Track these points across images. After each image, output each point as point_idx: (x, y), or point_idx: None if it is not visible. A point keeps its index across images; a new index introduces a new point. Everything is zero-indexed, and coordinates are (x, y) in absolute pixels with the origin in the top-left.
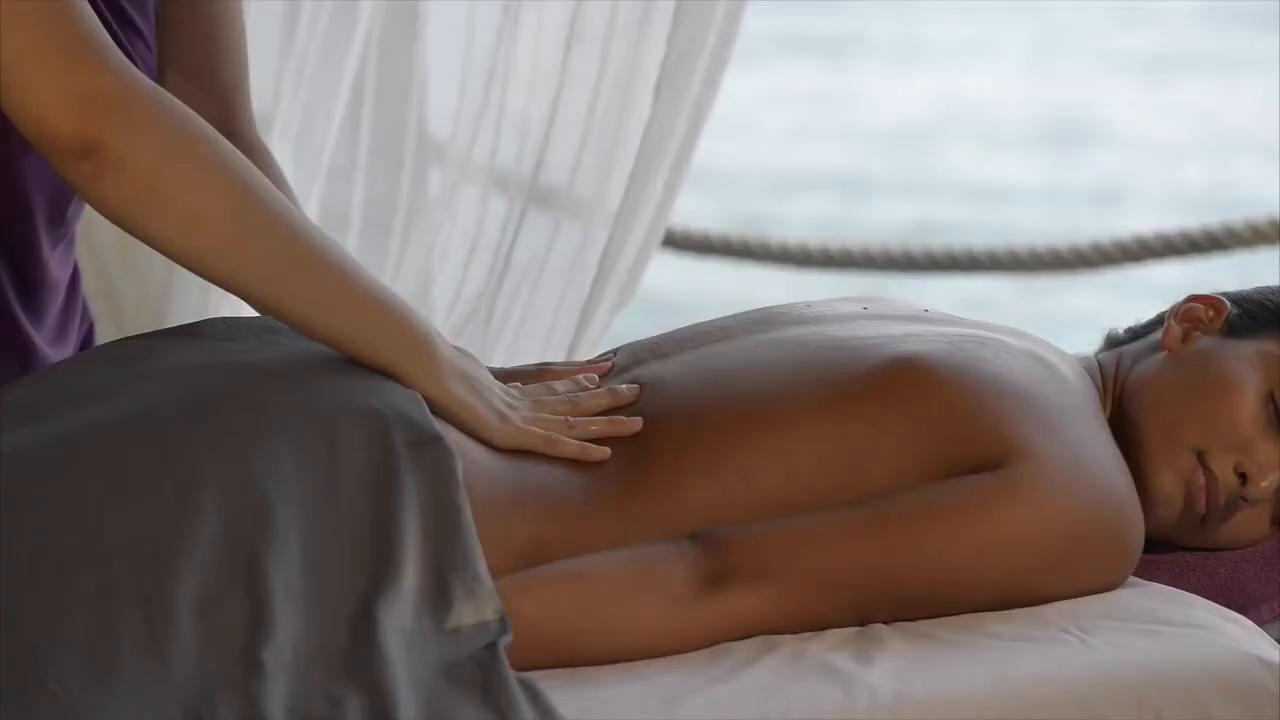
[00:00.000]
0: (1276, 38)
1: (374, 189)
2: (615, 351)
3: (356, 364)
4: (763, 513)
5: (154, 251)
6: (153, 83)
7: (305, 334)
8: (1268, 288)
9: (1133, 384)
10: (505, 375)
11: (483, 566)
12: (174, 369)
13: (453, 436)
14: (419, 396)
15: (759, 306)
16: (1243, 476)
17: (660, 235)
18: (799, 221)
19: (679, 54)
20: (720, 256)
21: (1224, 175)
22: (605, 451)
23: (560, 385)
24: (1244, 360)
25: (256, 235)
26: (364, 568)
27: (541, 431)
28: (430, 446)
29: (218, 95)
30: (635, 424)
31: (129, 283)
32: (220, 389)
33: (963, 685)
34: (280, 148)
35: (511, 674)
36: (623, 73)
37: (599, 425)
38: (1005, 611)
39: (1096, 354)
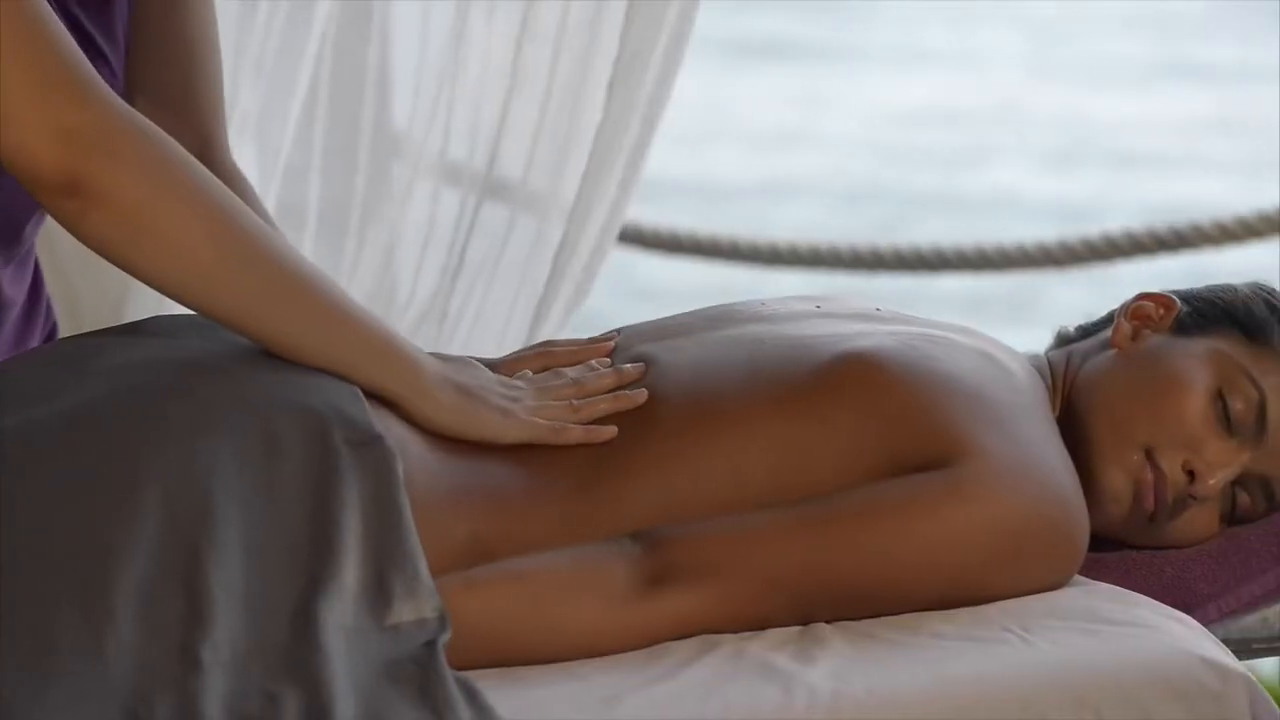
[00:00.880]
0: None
1: (329, 189)
2: (619, 331)
3: (299, 364)
4: (711, 511)
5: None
6: (135, 113)
7: (291, 358)
8: (1218, 286)
9: (1082, 382)
10: (509, 362)
11: (422, 565)
12: (119, 367)
13: (394, 435)
14: (360, 394)
15: (718, 304)
16: (1191, 474)
17: (615, 234)
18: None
19: (631, 53)
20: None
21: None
22: (612, 430)
23: (571, 371)
24: (1193, 358)
25: (239, 266)
26: (304, 565)
27: (545, 422)
28: (371, 446)
29: (193, 123)
30: (640, 396)
31: (87, 286)
32: (163, 387)
33: (903, 685)
34: (236, 147)
35: (449, 673)
36: (575, 72)
37: (605, 403)
38: (948, 611)
39: (1047, 352)
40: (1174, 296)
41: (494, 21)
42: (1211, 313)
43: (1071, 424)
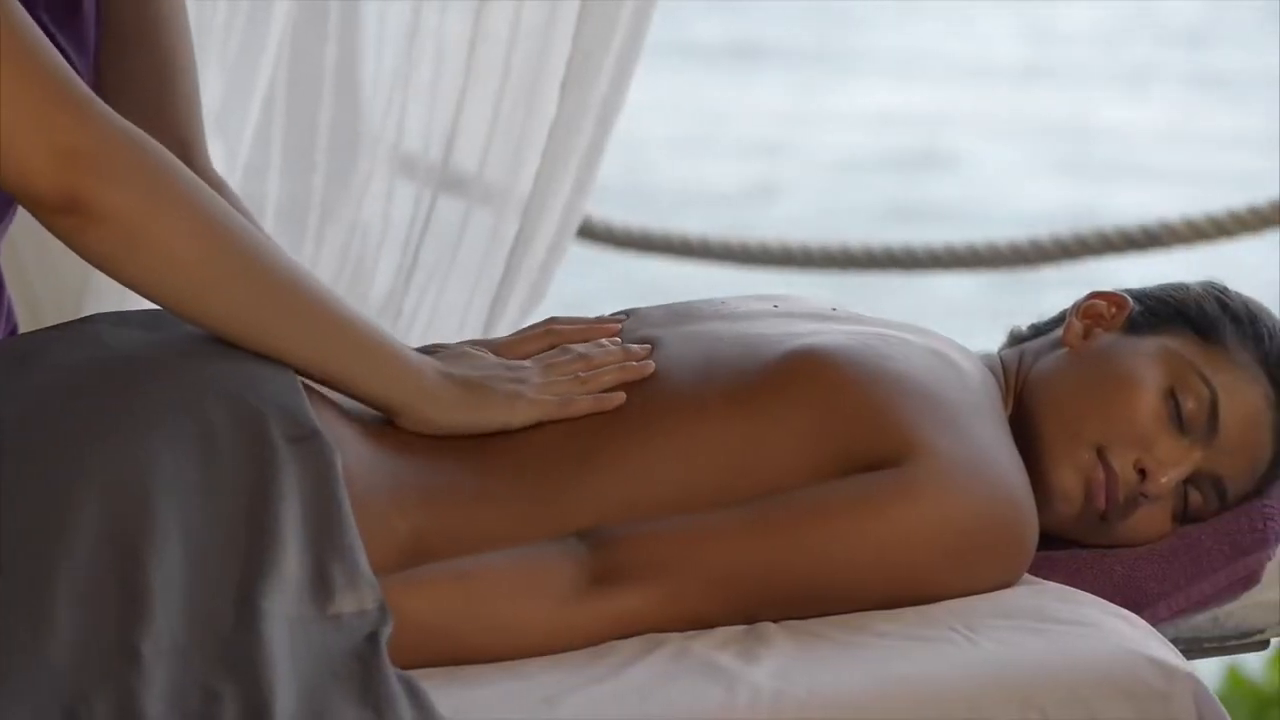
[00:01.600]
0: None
1: (288, 188)
2: (626, 314)
3: (241, 356)
4: (662, 510)
5: (71, 252)
6: (130, 127)
7: (295, 372)
8: (1170, 284)
9: (1034, 380)
10: (513, 343)
11: (362, 557)
12: (62, 367)
13: (334, 430)
14: (300, 389)
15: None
16: (1142, 473)
17: (570, 234)
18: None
19: (584, 54)
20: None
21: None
22: (621, 397)
23: (578, 347)
24: (1144, 356)
25: (236, 279)
26: (244, 557)
27: (552, 398)
28: (309, 440)
29: (172, 130)
30: (648, 367)
31: (46, 285)
32: (104, 386)
33: (846, 684)
34: None
35: (391, 671)
36: (528, 72)
37: (612, 374)
38: (895, 610)
39: (1000, 351)
40: (1126, 295)
41: (447, 21)
42: (1163, 311)
43: (1023, 422)
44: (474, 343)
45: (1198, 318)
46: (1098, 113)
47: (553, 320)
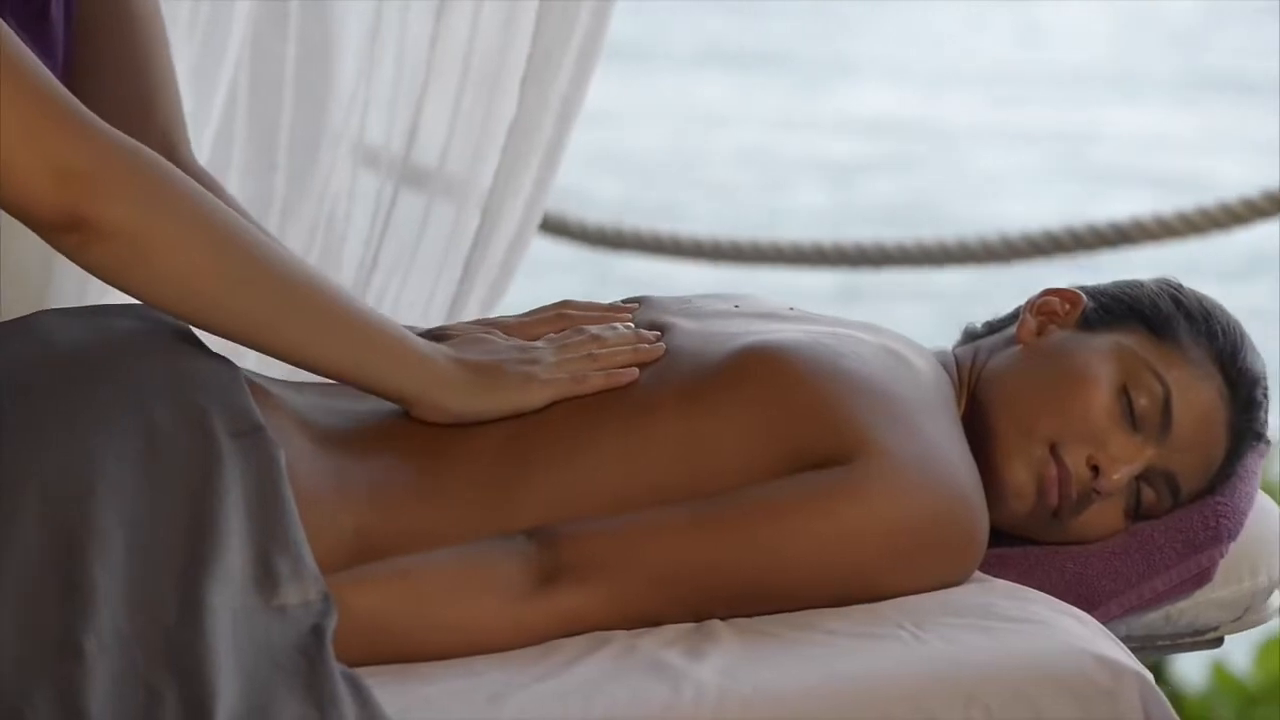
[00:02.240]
0: None
1: (250, 188)
2: (639, 301)
3: (187, 353)
4: (612, 506)
5: (30, 245)
6: (126, 139)
7: (302, 368)
8: (1125, 281)
9: (987, 377)
10: (525, 324)
11: (306, 550)
12: (13, 363)
13: (277, 426)
14: (244, 386)
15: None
16: (1095, 469)
17: (532, 232)
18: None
19: (544, 52)
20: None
21: None
22: (634, 373)
23: (592, 328)
24: (1097, 352)
25: (243, 284)
26: (188, 551)
27: (565, 376)
28: (252, 435)
29: (156, 132)
30: (660, 349)
31: (6, 280)
32: (53, 384)
33: (791, 682)
34: None
35: (336, 667)
36: (489, 70)
37: (625, 355)
38: (843, 608)
39: (954, 348)
40: (1080, 292)
41: (409, 19)
42: (1117, 308)
43: (977, 419)
44: (484, 322)
45: (1152, 315)
46: (1095, 115)
47: (565, 303)
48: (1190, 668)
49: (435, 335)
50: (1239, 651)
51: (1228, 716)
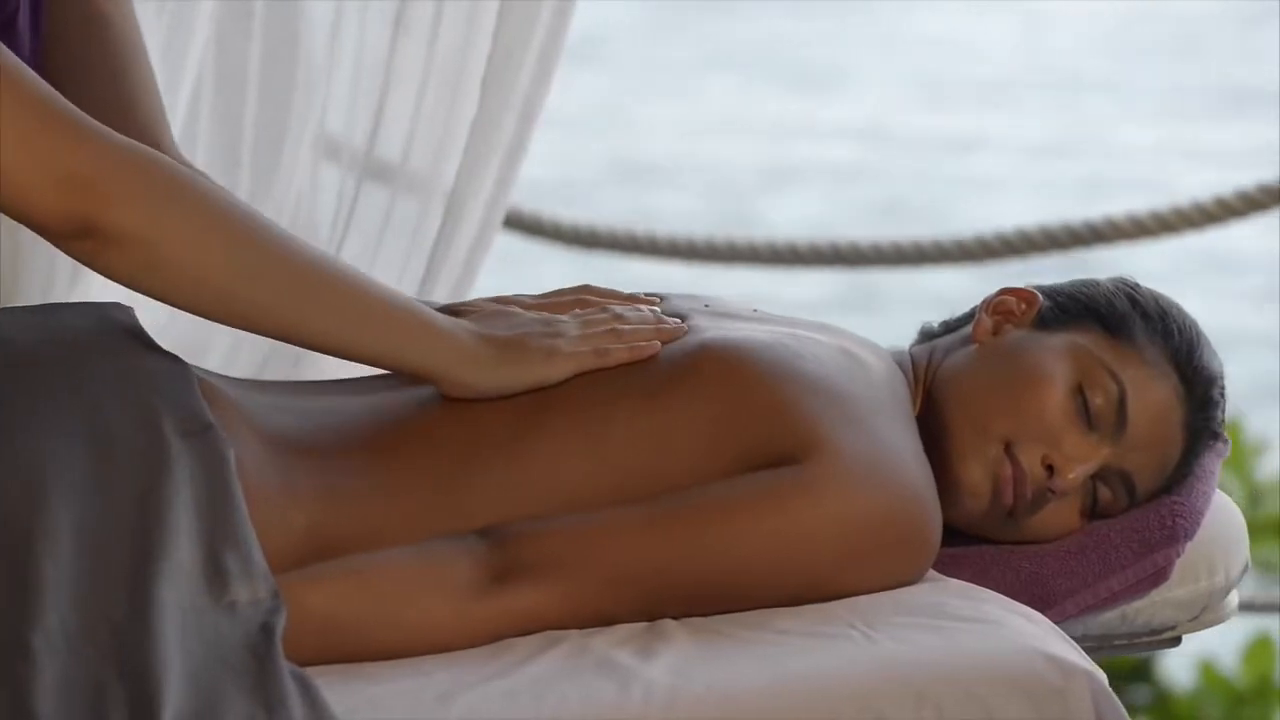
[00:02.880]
0: None
1: None
2: (661, 297)
3: (137, 351)
4: (567, 504)
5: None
6: (129, 141)
7: (325, 353)
8: (1081, 280)
9: (942, 376)
10: (549, 304)
11: (256, 548)
12: None
13: (228, 425)
14: (195, 384)
15: None
16: (1050, 469)
17: (495, 231)
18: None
19: (505, 51)
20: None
21: None
22: (656, 346)
23: (616, 307)
24: (1052, 352)
25: (259, 277)
26: (137, 549)
27: (588, 349)
28: (202, 434)
29: (140, 132)
30: (682, 331)
31: None
32: (6, 384)
33: (741, 681)
34: None
35: (285, 666)
36: (450, 69)
37: (647, 333)
38: (796, 608)
39: (910, 347)
40: (1036, 291)
41: (368, 18)
42: (1073, 307)
43: (932, 419)
44: (504, 298)
45: (1107, 314)
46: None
47: (585, 287)
48: (1179, 667)
49: (452, 311)
50: (1227, 651)
51: (1216, 716)
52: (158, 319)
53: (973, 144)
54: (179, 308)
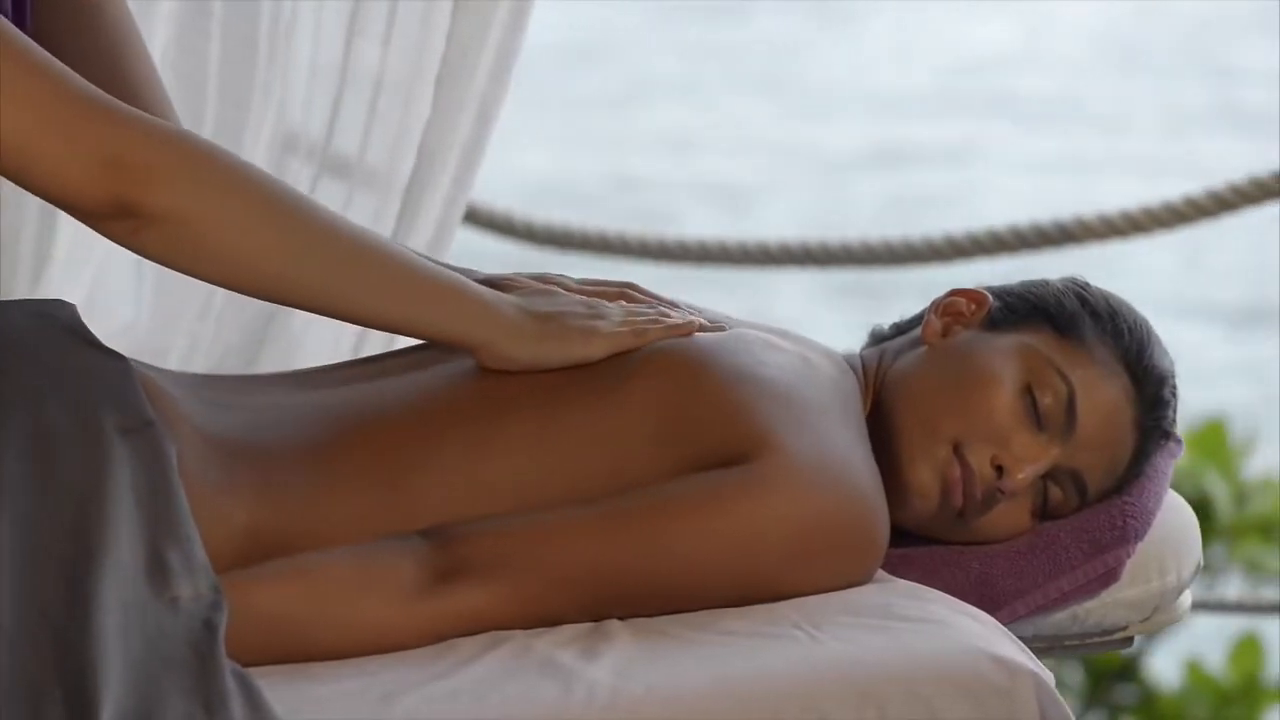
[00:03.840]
0: None
1: None
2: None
3: (77, 348)
4: (510, 505)
5: None
6: (164, 123)
7: (369, 327)
8: (1031, 280)
9: (892, 378)
10: (589, 290)
11: (198, 544)
12: None
13: (169, 422)
14: (135, 381)
15: None
16: (999, 469)
17: (454, 228)
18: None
19: (459, 51)
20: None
21: None
22: (694, 327)
23: (661, 306)
24: (1001, 352)
25: (304, 251)
26: (78, 548)
27: (628, 329)
28: (143, 432)
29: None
30: (723, 327)
31: None
32: None
33: (683, 682)
34: None
35: (227, 665)
36: (404, 68)
37: (688, 325)
38: (742, 608)
39: (861, 350)
40: (986, 292)
41: (323, 19)
42: (1022, 308)
43: (881, 421)
44: (547, 277)
45: (1057, 313)
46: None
47: (631, 284)
48: (1166, 667)
49: (493, 283)
50: (1213, 650)
51: (1202, 715)
52: (123, 318)
53: (972, 144)
54: (217, 284)
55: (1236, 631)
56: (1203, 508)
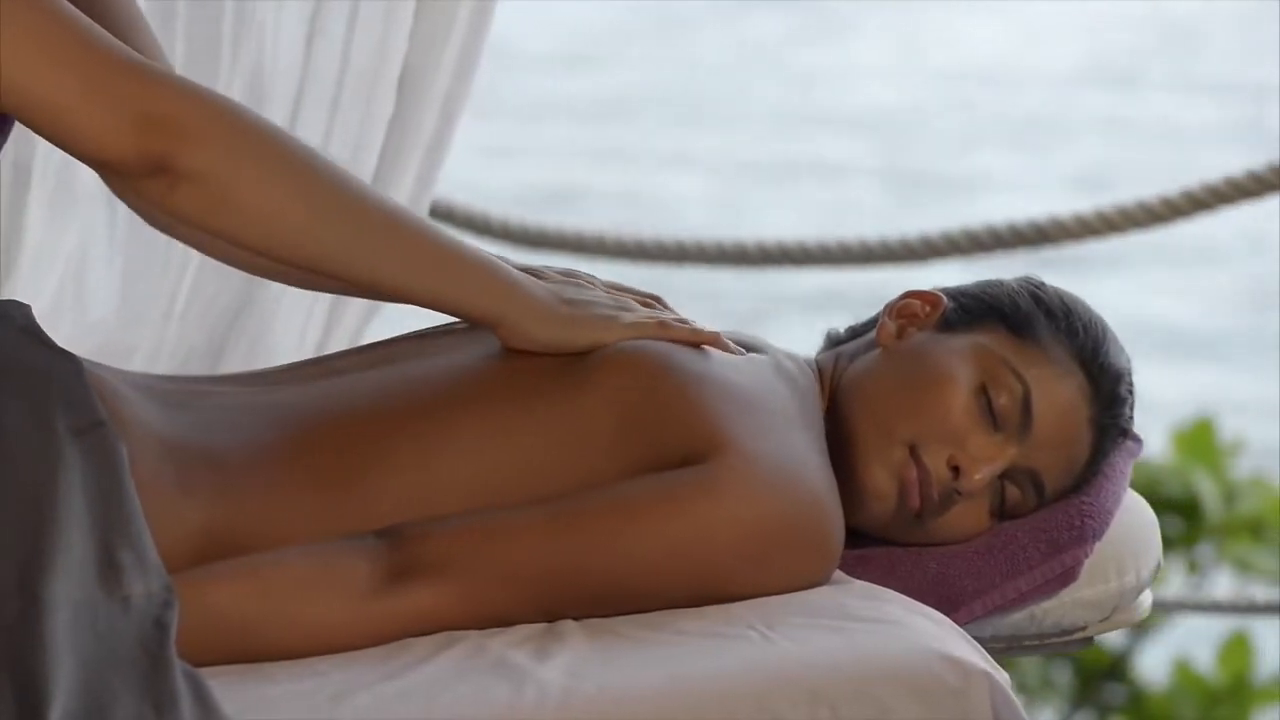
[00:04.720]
0: None
1: None
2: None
3: (29, 347)
4: (468, 502)
5: None
6: (197, 85)
7: (395, 299)
8: (986, 281)
9: (847, 381)
10: (614, 290)
11: (149, 543)
12: None
13: (121, 422)
14: (87, 381)
15: None
16: (956, 470)
17: None
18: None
19: (423, 49)
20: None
21: None
22: (717, 332)
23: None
24: (955, 353)
25: (333, 218)
26: (29, 549)
27: (653, 321)
28: (94, 432)
29: None
30: (742, 352)
31: None
32: None
33: (636, 682)
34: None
35: (178, 665)
36: (366, 68)
37: (714, 335)
38: (697, 609)
39: (817, 354)
40: (940, 293)
41: (283, 18)
42: (977, 308)
43: (837, 424)
44: (571, 273)
45: (1011, 313)
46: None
47: (658, 298)
48: (1154, 666)
49: (529, 273)
50: (1202, 650)
51: (1191, 715)
52: (92, 315)
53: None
54: (245, 247)
55: (1225, 631)
56: (1191, 507)
